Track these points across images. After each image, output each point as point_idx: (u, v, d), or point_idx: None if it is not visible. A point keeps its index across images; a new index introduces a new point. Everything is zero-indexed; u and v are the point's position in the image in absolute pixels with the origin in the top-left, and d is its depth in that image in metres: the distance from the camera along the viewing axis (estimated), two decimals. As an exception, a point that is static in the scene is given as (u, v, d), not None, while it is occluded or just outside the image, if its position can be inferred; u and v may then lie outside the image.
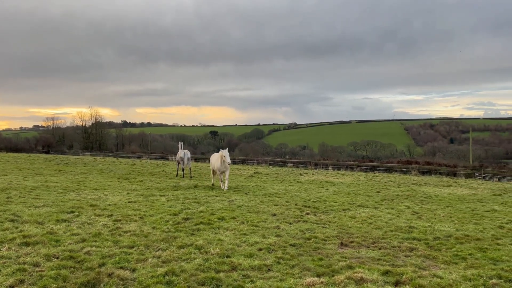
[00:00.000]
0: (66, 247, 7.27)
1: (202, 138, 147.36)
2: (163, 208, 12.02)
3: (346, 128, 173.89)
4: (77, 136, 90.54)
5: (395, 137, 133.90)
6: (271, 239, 8.60)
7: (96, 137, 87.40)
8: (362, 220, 11.40)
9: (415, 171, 39.44)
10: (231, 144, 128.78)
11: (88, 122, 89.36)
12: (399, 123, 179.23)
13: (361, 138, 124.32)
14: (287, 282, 5.92)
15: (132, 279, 5.82)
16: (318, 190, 19.36)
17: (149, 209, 11.68)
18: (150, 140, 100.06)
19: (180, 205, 12.65)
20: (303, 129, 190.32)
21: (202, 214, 11.11)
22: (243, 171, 32.15)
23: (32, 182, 17.99)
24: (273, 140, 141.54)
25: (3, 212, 10.35)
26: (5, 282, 5.42)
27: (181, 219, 10.39)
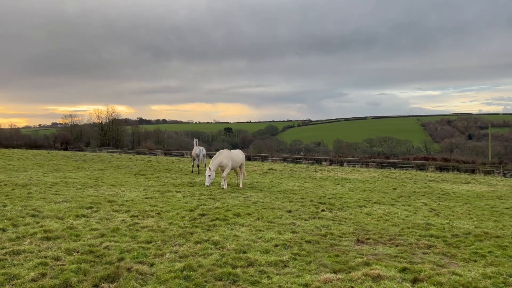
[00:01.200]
0: (85, 242, 7.41)
1: (216, 134, 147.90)
2: (179, 204, 12.14)
3: (361, 124, 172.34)
4: (94, 133, 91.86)
5: (412, 133, 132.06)
6: (287, 235, 8.61)
7: (112, 134, 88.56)
8: (379, 217, 11.32)
9: (432, 167, 38.89)
10: (246, 140, 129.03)
11: (104, 119, 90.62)
12: (415, 119, 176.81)
13: (376, 135, 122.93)
14: (303, 278, 5.93)
15: (151, 273, 5.91)
16: (333, 186, 19.27)
17: (165, 205, 11.81)
18: (165, 137, 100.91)
19: (196, 201, 12.76)
20: (317, 126, 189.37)
21: (217, 210, 11.19)
22: (257, 168, 32.20)
23: (51, 178, 18.36)
24: (288, 137, 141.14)
25: (24, 207, 10.60)
26: (28, 276, 5.55)
27: (197, 215, 10.48)
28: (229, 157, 16.90)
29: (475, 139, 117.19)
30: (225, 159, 16.74)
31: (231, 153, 17.40)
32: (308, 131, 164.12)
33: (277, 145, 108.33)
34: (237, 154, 17.82)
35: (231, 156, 17.11)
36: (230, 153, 17.28)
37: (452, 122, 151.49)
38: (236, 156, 17.53)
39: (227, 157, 16.87)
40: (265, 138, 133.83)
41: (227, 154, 17.05)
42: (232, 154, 17.33)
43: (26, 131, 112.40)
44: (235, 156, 17.43)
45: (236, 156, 17.53)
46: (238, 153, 18.10)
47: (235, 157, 17.34)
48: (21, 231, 8.01)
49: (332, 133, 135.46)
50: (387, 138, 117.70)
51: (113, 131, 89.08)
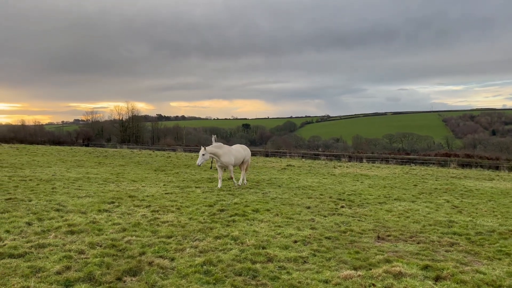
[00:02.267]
0: (108, 236, 7.56)
1: (234, 131, 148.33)
2: (199, 199, 12.24)
3: (381, 120, 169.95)
4: (115, 129, 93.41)
5: (433, 129, 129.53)
6: (306, 231, 8.59)
7: (132, 130, 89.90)
8: (399, 213, 11.17)
9: (454, 164, 38.09)
10: (264, 136, 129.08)
11: (125, 116, 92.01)
12: (437, 114, 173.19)
13: (396, 130, 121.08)
14: (323, 275, 5.90)
15: (172, 267, 5.99)
16: (352, 183, 19.10)
17: (185, 200, 11.93)
18: (184, 133, 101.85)
19: (215, 197, 12.84)
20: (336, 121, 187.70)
21: (236, 206, 11.24)
22: (275, 164, 32.18)
23: (74, 173, 18.77)
24: (306, 133, 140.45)
25: (49, 202, 10.87)
26: (53, 269, 5.70)
27: (217, 210, 10.55)
28: (230, 154, 15.38)
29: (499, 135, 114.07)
30: (227, 157, 15.23)
31: (233, 149, 15.87)
32: (327, 127, 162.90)
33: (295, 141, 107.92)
34: (238, 150, 16.23)
35: (233, 153, 15.62)
36: (232, 150, 15.69)
37: (475, 118, 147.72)
38: (237, 152, 16.00)
39: (228, 154, 15.32)
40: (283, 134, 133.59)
41: (226, 150, 15.43)
42: (234, 151, 15.82)
43: (50, 127, 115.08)
44: (236, 152, 15.91)
45: (237, 152, 16.00)
46: (240, 148, 16.56)
47: (237, 154, 15.84)
48: (46, 225, 8.23)
49: (351, 129, 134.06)
50: (407, 134, 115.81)
51: (133, 127, 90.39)
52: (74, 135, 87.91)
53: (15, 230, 7.77)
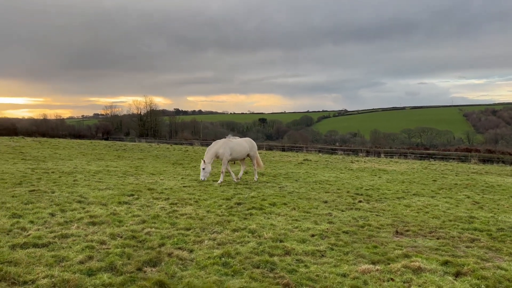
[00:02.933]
0: (128, 227, 7.70)
1: (251, 125, 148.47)
2: (216, 192, 12.34)
3: (400, 115, 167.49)
4: (133, 123, 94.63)
5: (453, 124, 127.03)
6: (324, 225, 8.58)
7: (150, 124, 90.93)
8: (418, 209, 11.04)
9: (475, 159, 37.32)
10: (280, 131, 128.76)
11: (143, 110, 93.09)
12: (457, 109, 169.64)
13: (415, 125, 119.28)
14: (341, 268, 5.90)
15: (190, 259, 6.08)
16: (370, 178, 18.94)
17: (203, 194, 12.04)
18: (201, 128, 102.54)
19: (232, 190, 12.92)
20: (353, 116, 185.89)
21: (253, 199, 11.29)
22: (292, 158, 32.13)
23: (95, 166, 19.14)
24: (323, 127, 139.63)
25: (71, 194, 11.13)
26: (76, 258, 5.85)
27: (234, 203, 10.62)
28: (226, 147, 14.96)
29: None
30: (221, 148, 14.90)
31: (231, 142, 15.35)
32: (344, 122, 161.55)
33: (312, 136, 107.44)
34: (239, 143, 15.58)
35: (231, 146, 15.12)
36: (229, 143, 15.20)
37: (497, 112, 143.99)
38: (238, 145, 15.39)
39: (223, 146, 14.96)
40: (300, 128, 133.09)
41: (222, 143, 15.10)
42: (233, 144, 15.31)
43: (70, 121, 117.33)
44: (236, 145, 15.32)
45: (238, 145, 15.39)
46: (242, 142, 15.83)
47: (236, 147, 15.27)
48: (68, 216, 8.43)
49: (369, 124, 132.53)
50: (426, 128, 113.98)
51: (151, 121, 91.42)
52: (94, 129, 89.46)
53: (39, 220, 7.99)
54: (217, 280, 5.26)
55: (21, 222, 7.71)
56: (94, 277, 5.21)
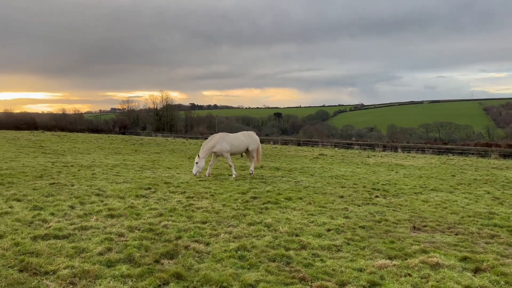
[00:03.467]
0: (145, 220, 7.81)
1: (266, 120, 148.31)
2: (232, 186, 12.39)
3: (417, 109, 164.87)
4: (150, 118, 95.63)
5: (472, 118, 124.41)
6: (340, 220, 8.54)
7: (167, 119, 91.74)
8: (436, 204, 10.88)
9: (495, 154, 36.51)
10: (295, 126, 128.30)
11: (159, 105, 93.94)
12: (477, 103, 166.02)
13: (433, 120, 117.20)
14: (358, 263, 5.87)
15: (207, 252, 6.13)
16: (387, 173, 18.75)
17: (218, 187, 12.11)
18: (216, 122, 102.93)
19: (248, 185, 12.96)
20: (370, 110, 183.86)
21: (269, 194, 11.30)
22: (307, 153, 32.01)
23: (112, 160, 19.44)
24: (339, 122, 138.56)
25: (90, 187, 11.34)
26: (95, 250, 5.97)
27: (249, 197, 10.66)
28: (223, 142, 14.92)
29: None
30: (217, 144, 14.83)
31: (227, 136, 15.31)
32: (360, 116, 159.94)
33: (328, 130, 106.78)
34: (237, 137, 15.43)
35: (228, 140, 15.02)
36: (225, 137, 15.17)
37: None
38: (235, 139, 15.22)
39: (220, 142, 14.90)
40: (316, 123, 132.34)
41: (219, 138, 15.02)
42: (231, 138, 15.22)
43: (88, 116, 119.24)
44: (233, 139, 15.17)
45: (235, 139, 15.22)
46: (240, 136, 15.63)
47: (233, 141, 15.09)
48: (87, 209, 8.60)
49: (386, 118, 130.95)
50: (445, 123, 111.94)
51: (167, 116, 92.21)
52: (111, 124, 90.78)
53: (59, 213, 8.18)
54: (233, 273, 5.30)
55: (42, 214, 7.91)
56: (113, 268, 5.31)
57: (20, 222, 7.34)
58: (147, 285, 4.84)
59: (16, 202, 8.95)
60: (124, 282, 4.89)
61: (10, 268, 5.14)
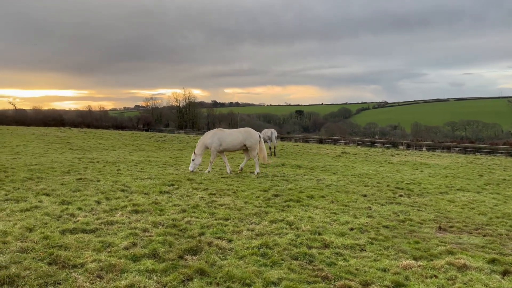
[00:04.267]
0: (169, 216, 7.93)
1: (287, 117, 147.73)
2: (254, 184, 12.42)
3: (443, 107, 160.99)
4: (172, 115, 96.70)
5: (501, 116, 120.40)
6: (363, 219, 8.44)
7: (189, 116, 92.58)
8: (463, 204, 10.62)
9: (525, 154, 35.31)
10: (317, 123, 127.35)
11: (182, 102, 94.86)
12: (506, 100, 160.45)
13: (459, 118, 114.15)
14: (382, 263, 5.79)
15: (230, 249, 6.18)
16: (411, 171, 18.41)
17: (240, 185, 12.16)
18: (238, 120, 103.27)
19: (269, 182, 12.96)
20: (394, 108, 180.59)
21: (291, 192, 11.27)
22: (329, 151, 31.76)
23: (136, 156, 19.78)
24: (361, 120, 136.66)
25: (115, 182, 11.58)
26: (121, 244, 6.10)
27: (271, 195, 10.66)
28: (214, 137, 14.76)
29: None
30: (209, 139, 14.78)
31: (220, 132, 15.07)
32: (384, 114, 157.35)
33: (350, 128, 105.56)
34: (230, 133, 15.04)
35: (220, 136, 14.78)
36: (217, 133, 14.98)
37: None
38: (228, 135, 14.85)
39: (212, 137, 14.82)
40: (338, 121, 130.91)
41: (211, 134, 14.93)
42: (223, 134, 14.91)
43: (113, 113, 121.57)
44: (226, 136, 14.84)
45: (228, 135, 14.85)
46: (235, 132, 15.16)
47: (226, 137, 14.77)
48: (113, 204, 8.79)
49: (410, 116, 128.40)
50: (471, 121, 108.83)
51: (189, 113, 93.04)
52: (135, 121, 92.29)
53: (86, 207, 8.39)
54: (256, 270, 5.32)
55: (70, 209, 8.13)
56: (138, 262, 5.41)
57: (49, 216, 7.57)
58: (171, 280, 4.92)
59: (45, 197, 9.24)
60: (149, 276, 4.98)
61: (40, 261, 5.30)
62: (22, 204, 8.41)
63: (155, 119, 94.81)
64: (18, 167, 13.92)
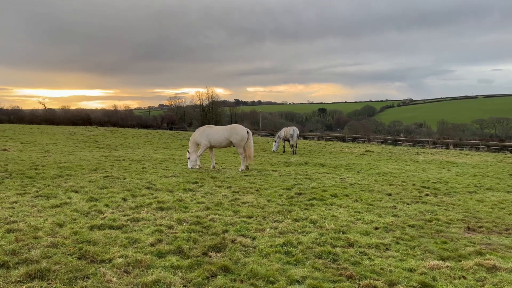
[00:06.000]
0: (193, 214, 8.02)
1: (310, 115, 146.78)
2: (276, 182, 12.42)
3: (471, 104, 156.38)
4: (196, 114, 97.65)
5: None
6: (388, 218, 8.32)
7: (212, 115, 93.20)
8: (492, 204, 10.31)
9: (559, 152, 33.93)
10: (340, 121, 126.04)
11: (205, 101, 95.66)
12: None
13: (488, 115, 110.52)
14: (407, 263, 5.69)
15: (253, 246, 6.20)
16: (438, 170, 17.99)
17: (263, 183, 12.18)
18: (260, 118, 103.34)
19: (292, 180, 12.93)
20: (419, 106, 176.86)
21: (314, 190, 11.21)
22: (353, 149, 31.39)
23: (161, 155, 20.09)
24: (386, 117, 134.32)
25: (141, 180, 11.80)
26: (147, 240, 6.22)
27: (294, 193, 10.63)
28: (203, 134, 15.07)
29: None
30: (198, 136, 15.12)
31: (209, 128, 15.36)
32: (409, 112, 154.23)
33: (374, 126, 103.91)
34: (217, 131, 15.13)
35: (208, 133, 15.05)
36: (206, 129, 15.31)
37: None
38: (215, 133, 15.01)
39: (201, 134, 15.13)
40: (362, 118, 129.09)
41: (201, 131, 15.29)
42: (212, 130, 15.17)
43: (138, 112, 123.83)
44: (213, 133, 15.03)
45: (215, 133, 15.01)
46: (220, 129, 15.24)
47: (212, 134, 14.96)
48: (139, 201, 8.96)
49: (436, 114, 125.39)
50: (501, 119, 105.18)
51: (212, 112, 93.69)
52: (159, 119, 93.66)
53: (113, 204, 8.59)
54: (279, 268, 5.32)
55: (98, 205, 8.34)
56: (163, 259, 5.50)
57: (78, 212, 7.79)
58: (196, 276, 4.98)
59: (74, 193, 9.51)
60: (174, 273, 5.06)
61: (69, 255, 5.46)
62: (52, 200, 8.69)
63: (179, 117, 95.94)
64: (48, 164, 14.38)
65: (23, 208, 7.90)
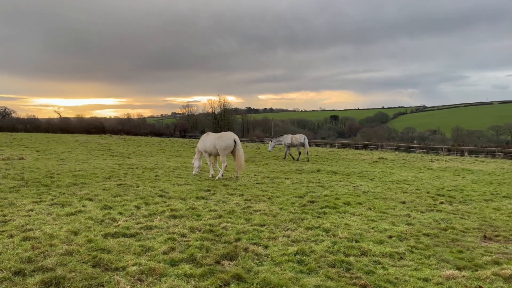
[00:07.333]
0: (206, 222, 8.04)
1: (322, 122, 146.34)
2: (289, 190, 12.38)
3: (486, 110, 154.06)
4: (208, 122, 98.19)
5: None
6: (402, 227, 8.22)
7: (224, 122, 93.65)
8: (509, 212, 10.11)
9: None
10: (353, 128, 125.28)
11: (217, 109, 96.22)
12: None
13: (504, 121, 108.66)
14: (422, 272, 5.61)
15: (266, 255, 6.18)
16: (453, 178, 17.73)
17: (275, 191, 12.16)
18: (272, 125, 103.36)
19: (305, 188, 12.88)
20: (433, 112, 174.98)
21: (327, 198, 11.15)
22: (366, 157, 31.15)
23: (173, 162, 20.22)
24: (399, 124, 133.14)
25: (153, 188, 11.89)
26: (160, 249, 6.25)
27: (307, 201, 10.58)
28: (201, 142, 15.54)
29: None
30: (199, 144, 15.61)
31: (206, 136, 15.63)
32: (422, 118, 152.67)
33: (387, 133, 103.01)
34: (209, 138, 15.25)
35: (205, 140, 15.38)
36: (205, 136, 15.64)
37: None
38: (208, 140, 15.22)
39: (200, 142, 15.62)
40: (374, 125, 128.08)
41: (201, 139, 15.71)
42: (207, 138, 15.41)
43: (151, 120, 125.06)
44: (206, 140, 15.29)
45: (208, 140, 15.22)
46: (212, 136, 15.29)
47: (206, 142, 15.26)
48: (152, 209, 9.02)
49: (450, 120, 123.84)
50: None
51: (224, 120, 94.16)
52: (172, 127, 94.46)
53: (127, 212, 8.66)
54: (292, 277, 5.30)
55: (112, 213, 8.42)
56: (176, 267, 5.52)
57: (92, 220, 7.87)
58: (209, 285, 4.98)
59: (88, 201, 9.62)
60: (187, 281, 5.07)
61: (84, 263, 5.52)
62: (67, 208, 8.80)
63: (191, 125, 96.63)
64: (63, 173, 14.59)
65: (39, 216, 8.02)
